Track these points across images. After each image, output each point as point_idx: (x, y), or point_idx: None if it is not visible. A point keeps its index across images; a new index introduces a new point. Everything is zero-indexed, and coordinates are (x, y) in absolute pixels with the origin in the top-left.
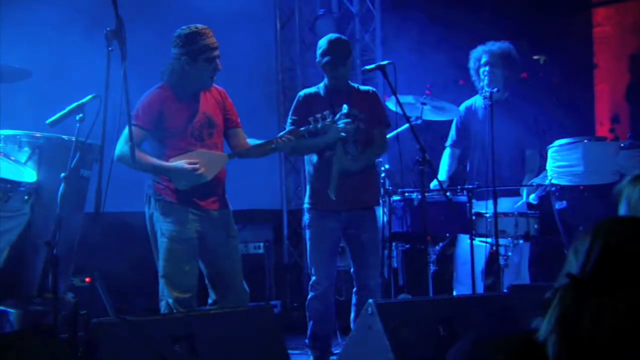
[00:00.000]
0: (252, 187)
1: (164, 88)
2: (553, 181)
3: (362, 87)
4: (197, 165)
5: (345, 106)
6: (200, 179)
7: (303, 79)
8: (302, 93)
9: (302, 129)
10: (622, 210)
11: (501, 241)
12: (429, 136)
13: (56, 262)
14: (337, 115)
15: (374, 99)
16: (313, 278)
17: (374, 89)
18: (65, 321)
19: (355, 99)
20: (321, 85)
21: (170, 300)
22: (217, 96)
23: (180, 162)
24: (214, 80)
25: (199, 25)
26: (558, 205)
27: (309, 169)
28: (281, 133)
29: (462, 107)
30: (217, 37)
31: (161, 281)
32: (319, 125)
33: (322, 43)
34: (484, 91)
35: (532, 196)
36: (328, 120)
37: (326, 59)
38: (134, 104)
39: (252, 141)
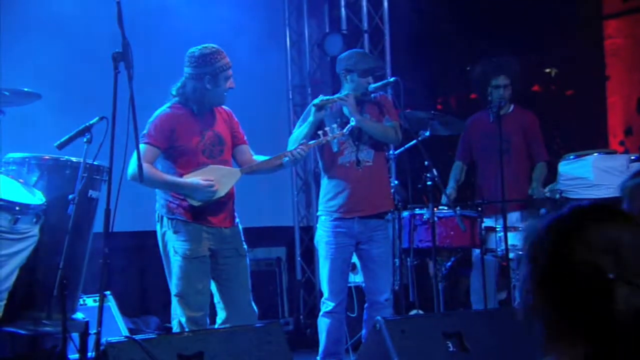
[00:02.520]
0: (264, 204)
1: (175, 106)
2: (563, 194)
3: (372, 96)
4: (212, 181)
5: (352, 119)
6: (215, 194)
7: (314, 96)
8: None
9: (311, 142)
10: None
11: (512, 255)
12: (438, 151)
13: (65, 283)
14: (346, 129)
15: (382, 104)
16: (324, 295)
17: (382, 93)
18: (75, 342)
19: (367, 108)
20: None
21: (183, 319)
22: (225, 115)
23: (196, 179)
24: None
25: (214, 45)
26: None
27: (324, 176)
28: (291, 147)
29: (469, 120)
30: (228, 56)
31: (174, 300)
32: (329, 139)
33: (350, 53)
34: (490, 105)
35: (542, 209)
36: (337, 132)
37: (358, 65)
38: (142, 124)
39: (258, 157)
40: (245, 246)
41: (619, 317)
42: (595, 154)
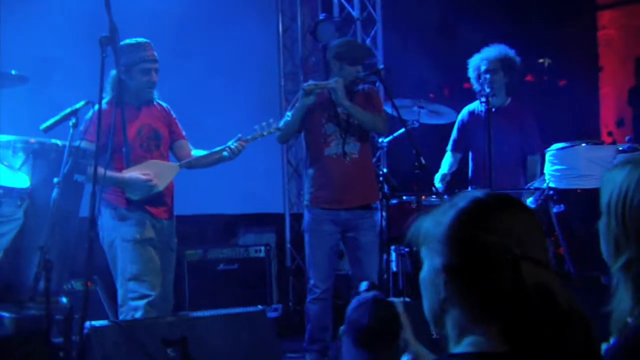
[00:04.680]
0: (255, 191)
1: (111, 102)
2: (550, 185)
3: (360, 87)
4: (150, 177)
5: (288, 113)
6: (153, 189)
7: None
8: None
9: (249, 136)
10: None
11: None
12: (427, 140)
13: (49, 266)
14: (281, 122)
15: (370, 96)
16: (311, 281)
17: (370, 86)
18: (59, 325)
19: (356, 97)
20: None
21: (141, 302)
22: (162, 111)
23: (135, 174)
24: (152, 93)
25: (140, 39)
26: (556, 208)
27: (310, 167)
28: (230, 141)
29: (465, 111)
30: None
31: (130, 285)
32: (265, 132)
33: (341, 41)
34: (481, 95)
35: (529, 200)
36: (273, 127)
37: (348, 53)
38: None
39: (197, 152)
40: (175, 240)
41: (526, 290)
42: (583, 145)
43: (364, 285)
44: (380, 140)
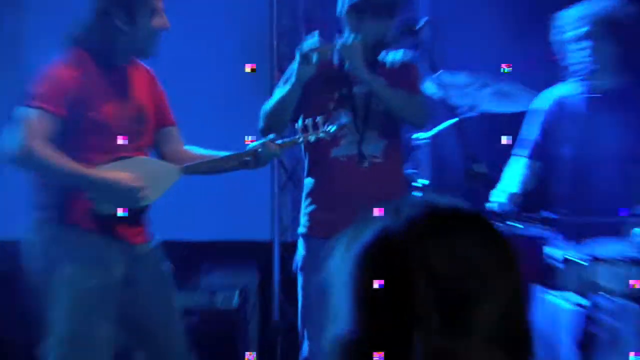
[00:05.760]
0: (228, 207)
1: (78, 57)
2: None
3: (390, 55)
4: (140, 182)
5: (344, 118)
6: (140, 201)
7: None
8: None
9: (287, 140)
10: None
11: (598, 300)
12: (488, 137)
13: None
14: (334, 126)
15: (405, 69)
16: (306, 347)
17: (405, 54)
18: None
19: (381, 72)
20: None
21: None
22: (147, 78)
23: (118, 175)
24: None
25: None
26: None
27: (308, 175)
28: (256, 143)
29: (550, 98)
30: None
31: (63, 350)
32: (312, 138)
33: None
34: (583, 78)
35: (637, 230)
36: (322, 132)
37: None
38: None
39: (193, 149)
40: (167, 265)
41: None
42: None
43: None
44: (415, 135)
